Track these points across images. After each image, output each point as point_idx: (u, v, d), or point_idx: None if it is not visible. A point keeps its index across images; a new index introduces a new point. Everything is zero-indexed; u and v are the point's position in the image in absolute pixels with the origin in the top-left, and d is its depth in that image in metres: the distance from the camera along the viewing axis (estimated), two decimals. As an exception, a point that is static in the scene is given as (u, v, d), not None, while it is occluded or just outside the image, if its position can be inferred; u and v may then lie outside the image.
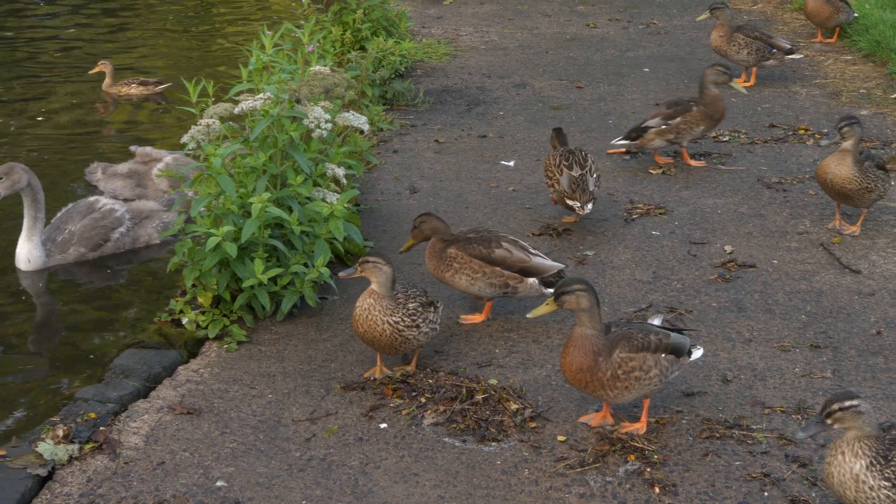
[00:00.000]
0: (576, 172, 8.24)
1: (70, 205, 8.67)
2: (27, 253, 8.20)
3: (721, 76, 9.43)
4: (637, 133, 9.58)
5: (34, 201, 8.18)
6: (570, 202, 8.20)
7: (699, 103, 9.46)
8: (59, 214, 8.59)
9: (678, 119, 9.41)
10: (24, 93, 12.48)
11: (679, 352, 5.85)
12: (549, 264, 6.98)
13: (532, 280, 6.94)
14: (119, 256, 8.45)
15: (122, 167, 9.60)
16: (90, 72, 12.55)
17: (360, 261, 6.20)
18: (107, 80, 12.37)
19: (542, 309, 5.74)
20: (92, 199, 8.66)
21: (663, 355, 5.75)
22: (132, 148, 9.87)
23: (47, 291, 8.03)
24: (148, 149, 9.74)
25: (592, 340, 5.63)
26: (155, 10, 16.93)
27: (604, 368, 5.61)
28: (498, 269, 6.92)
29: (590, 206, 8.18)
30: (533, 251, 7.03)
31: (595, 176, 8.32)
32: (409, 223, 8.32)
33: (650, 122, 9.53)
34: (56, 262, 8.29)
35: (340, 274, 6.38)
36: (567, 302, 5.62)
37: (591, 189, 8.23)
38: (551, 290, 6.68)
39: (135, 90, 12.30)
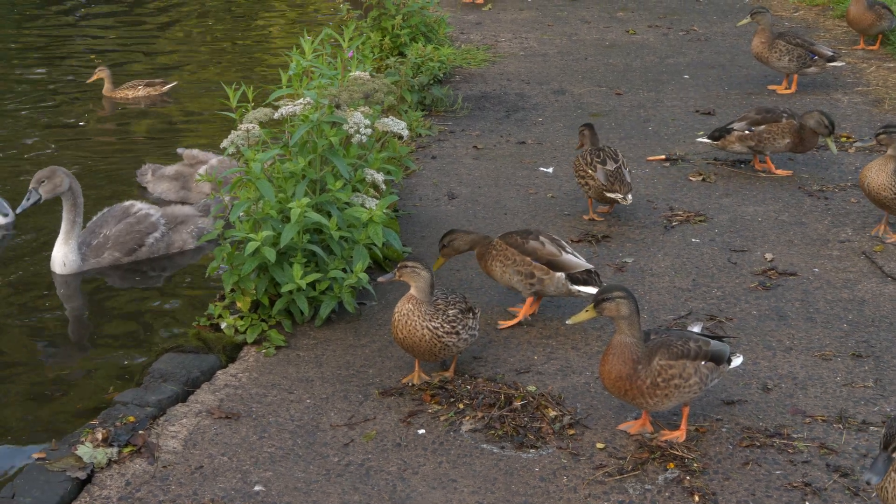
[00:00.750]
0: (610, 167, 8.43)
1: (106, 209, 8.71)
2: (63, 256, 8.24)
3: (822, 128, 9.27)
4: (720, 133, 9.53)
5: (73, 205, 8.22)
6: (610, 195, 8.39)
7: (793, 117, 9.35)
8: (94, 219, 8.64)
9: (763, 127, 9.32)
10: (67, 100, 12.56)
11: (719, 359, 5.80)
12: (578, 262, 6.97)
13: (559, 274, 6.94)
14: (154, 261, 8.48)
15: (170, 169, 9.67)
16: (88, 80, 12.60)
17: (398, 266, 6.18)
18: (106, 86, 12.45)
19: (582, 315, 5.71)
20: (127, 203, 8.70)
21: (703, 363, 5.70)
22: (179, 150, 9.92)
23: (84, 295, 8.07)
24: (195, 151, 9.79)
25: (632, 348, 5.59)
26: (194, 15, 17.00)
27: (643, 376, 5.58)
28: (528, 258, 6.98)
29: (630, 196, 8.35)
30: (568, 250, 7.03)
31: (628, 169, 8.53)
32: (448, 229, 8.33)
33: (735, 125, 9.46)
34: (91, 267, 8.32)
35: (379, 279, 6.37)
36: (607, 309, 5.59)
37: (628, 181, 8.42)
38: (578, 288, 6.88)
39: (142, 92, 12.35)
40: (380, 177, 7.40)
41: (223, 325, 6.99)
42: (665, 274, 7.73)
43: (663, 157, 9.90)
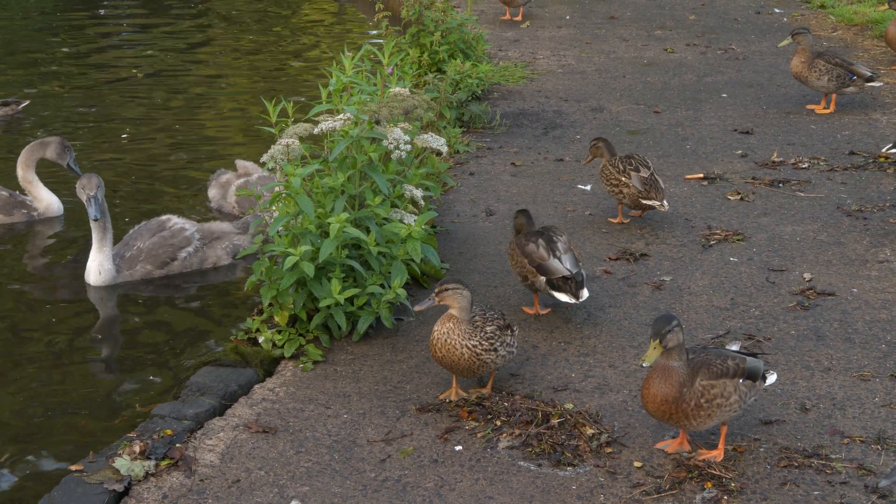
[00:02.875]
0: (644, 173, 8.59)
1: (143, 222, 8.75)
2: (98, 265, 8.26)
3: None
4: None
5: (103, 212, 8.22)
6: (647, 202, 8.57)
7: None
8: (130, 232, 8.67)
9: None
10: (111, 114, 12.67)
11: (754, 376, 5.78)
12: (558, 267, 7.15)
13: (542, 278, 7.17)
14: (191, 275, 8.50)
15: (224, 177, 9.73)
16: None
17: (436, 289, 6.17)
18: None
19: (652, 354, 5.63)
20: (164, 217, 8.73)
21: (741, 380, 5.69)
22: (237, 161, 9.96)
23: (121, 307, 8.12)
24: (248, 163, 9.83)
25: (679, 371, 5.58)
26: (233, 30, 17.11)
27: (688, 398, 5.56)
28: (524, 260, 7.24)
29: (666, 202, 8.53)
30: (558, 254, 7.21)
31: (659, 177, 8.74)
32: (486, 245, 8.36)
33: None
34: (124, 279, 8.35)
35: (416, 307, 6.32)
36: (671, 341, 5.57)
37: (662, 186, 8.62)
38: (553, 293, 7.17)
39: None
40: (419, 193, 7.42)
41: (261, 340, 7.02)
42: (703, 293, 7.70)
43: (701, 175, 9.88)
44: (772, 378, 5.97)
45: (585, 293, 7.12)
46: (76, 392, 6.97)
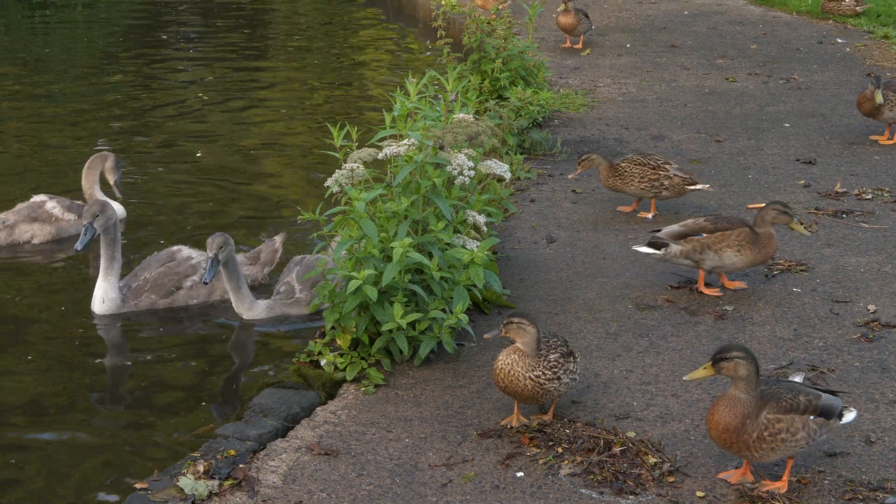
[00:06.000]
0: (676, 164, 9.44)
1: (154, 254, 8.71)
2: (103, 293, 8.20)
3: None
4: None
5: (113, 240, 8.20)
6: (693, 187, 9.37)
7: None
8: (141, 263, 8.58)
9: None
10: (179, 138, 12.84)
11: (829, 414, 5.72)
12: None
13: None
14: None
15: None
16: None
17: (505, 321, 6.19)
18: None
19: (699, 373, 5.64)
20: (174, 248, 8.69)
21: (812, 417, 5.64)
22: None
23: (179, 330, 8.17)
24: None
25: (745, 404, 5.55)
26: (295, 55, 17.24)
27: (750, 430, 5.53)
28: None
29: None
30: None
31: None
32: (546, 272, 8.36)
33: None
34: (129, 309, 8.28)
35: (485, 336, 6.34)
36: (725, 368, 5.55)
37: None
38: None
39: None
40: (481, 219, 7.44)
41: (323, 362, 7.05)
42: (766, 323, 7.65)
43: (763, 205, 9.81)
44: (850, 416, 5.89)
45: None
46: (141, 411, 7.05)
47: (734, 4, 19.28)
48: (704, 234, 7.89)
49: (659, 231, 8.13)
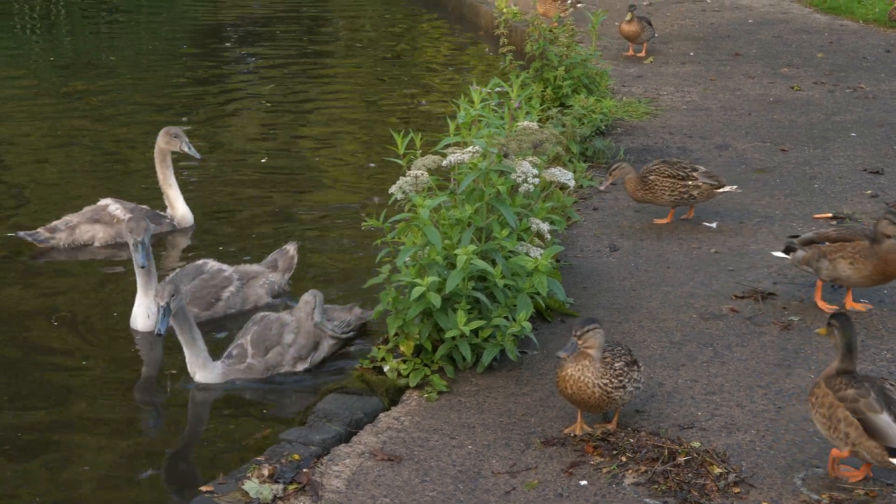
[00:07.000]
0: (702, 167, 9.52)
1: (178, 269, 8.71)
2: (146, 309, 8.09)
3: None
4: None
5: (148, 254, 8.11)
6: (722, 189, 9.41)
7: None
8: (168, 278, 8.53)
9: None
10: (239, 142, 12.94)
11: None
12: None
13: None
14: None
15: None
16: None
17: (577, 332, 6.08)
18: None
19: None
20: (200, 262, 8.69)
21: None
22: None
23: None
24: None
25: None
26: (356, 63, 17.31)
27: None
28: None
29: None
30: None
31: None
32: (609, 281, 8.33)
33: None
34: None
35: (560, 353, 6.13)
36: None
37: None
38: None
39: None
40: (545, 226, 7.43)
41: (386, 369, 7.06)
42: (832, 334, 7.57)
43: (830, 214, 9.74)
44: None
45: None
46: (206, 415, 7.12)
47: (800, 13, 19.13)
48: (827, 243, 7.81)
49: (797, 236, 8.04)
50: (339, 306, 8.05)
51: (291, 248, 9.01)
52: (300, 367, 7.64)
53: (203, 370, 7.48)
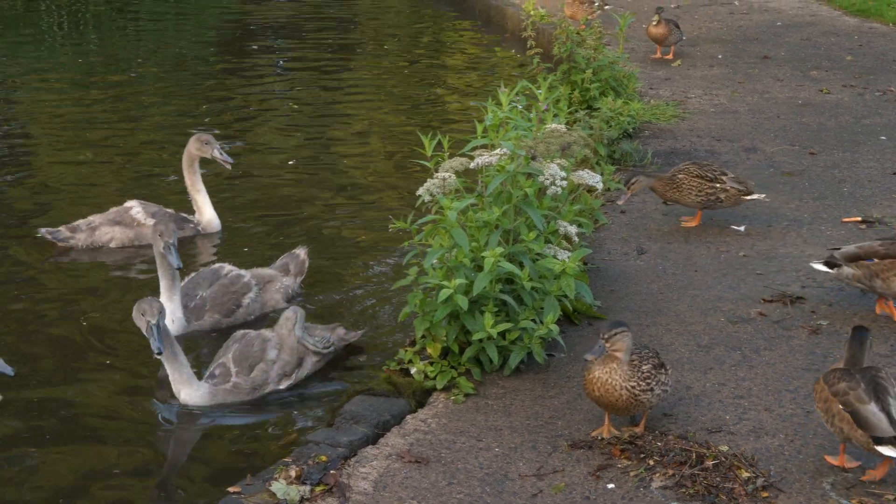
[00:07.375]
0: (732, 174, 9.47)
1: (194, 273, 8.67)
2: (171, 313, 7.99)
3: None
4: None
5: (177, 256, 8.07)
6: (750, 197, 9.38)
7: None
8: (185, 281, 8.46)
9: None
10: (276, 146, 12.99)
11: None
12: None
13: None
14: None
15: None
16: None
17: (605, 335, 6.08)
18: None
19: None
20: (216, 266, 8.68)
21: None
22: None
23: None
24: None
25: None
26: (384, 65, 17.32)
27: None
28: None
29: None
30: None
31: None
32: (637, 284, 8.31)
33: None
34: (194, 329, 8.23)
35: (587, 356, 6.11)
36: None
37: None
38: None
39: None
40: (573, 229, 7.42)
41: (413, 371, 7.07)
42: (861, 338, 7.53)
43: (859, 218, 9.69)
44: None
45: None
46: (233, 417, 7.13)
47: (828, 15, 19.03)
48: (875, 260, 7.71)
49: (838, 249, 7.93)
50: (321, 325, 7.95)
51: (302, 252, 8.99)
52: (285, 385, 7.50)
53: (188, 387, 7.21)
